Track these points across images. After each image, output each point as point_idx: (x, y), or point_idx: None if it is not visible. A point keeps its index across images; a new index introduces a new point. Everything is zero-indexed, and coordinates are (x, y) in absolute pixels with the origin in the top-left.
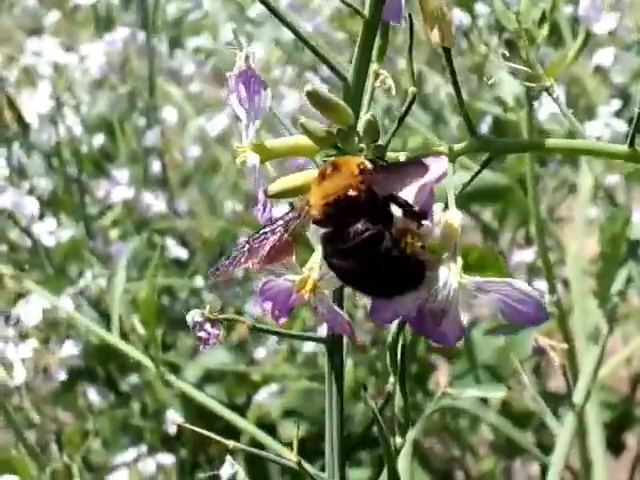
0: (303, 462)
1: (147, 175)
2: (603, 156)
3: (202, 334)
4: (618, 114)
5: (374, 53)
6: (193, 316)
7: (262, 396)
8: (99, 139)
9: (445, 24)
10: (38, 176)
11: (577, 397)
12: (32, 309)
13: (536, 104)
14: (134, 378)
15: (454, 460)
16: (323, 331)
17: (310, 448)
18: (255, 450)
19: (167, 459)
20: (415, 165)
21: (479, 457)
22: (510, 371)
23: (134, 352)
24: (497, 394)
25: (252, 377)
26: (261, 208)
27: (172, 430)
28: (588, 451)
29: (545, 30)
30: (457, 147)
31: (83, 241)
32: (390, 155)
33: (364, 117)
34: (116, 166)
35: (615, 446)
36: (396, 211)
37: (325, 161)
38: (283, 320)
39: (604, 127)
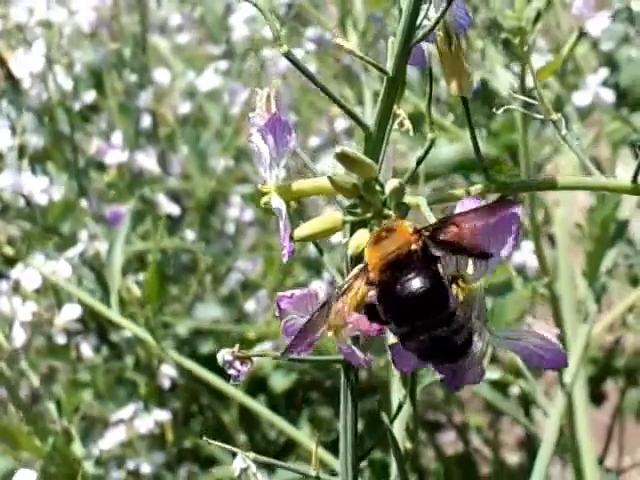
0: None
1: (138, 131)
2: (611, 191)
3: (232, 372)
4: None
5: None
6: (224, 355)
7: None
8: (90, 95)
9: (464, 76)
10: (29, 132)
11: (567, 377)
12: (31, 274)
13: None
14: (127, 332)
15: (439, 408)
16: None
17: (300, 397)
18: (274, 461)
19: (163, 415)
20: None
21: (466, 410)
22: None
23: (135, 328)
24: (492, 375)
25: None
26: (286, 252)
27: (166, 384)
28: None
29: (539, 27)
30: (474, 190)
31: (75, 201)
32: (409, 199)
33: (391, 182)
34: (106, 122)
35: (596, 396)
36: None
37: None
38: (306, 353)
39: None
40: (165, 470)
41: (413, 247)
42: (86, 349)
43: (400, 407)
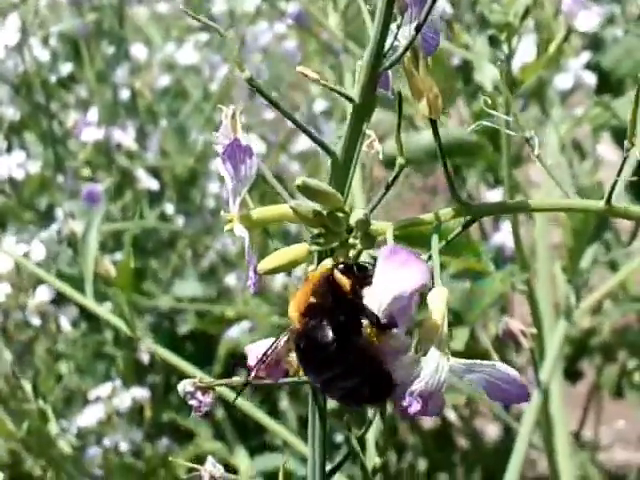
0: None
1: (116, 104)
2: (584, 212)
3: (194, 402)
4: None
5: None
6: (185, 386)
7: (234, 332)
8: (67, 67)
9: (433, 97)
10: (5, 105)
11: (543, 375)
12: (2, 257)
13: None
14: (107, 305)
15: None
16: None
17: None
18: None
19: (141, 392)
20: (392, 271)
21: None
22: (475, 316)
23: (110, 316)
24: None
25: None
26: (251, 285)
27: (145, 358)
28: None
29: (527, 24)
30: (443, 214)
31: (52, 177)
32: (376, 226)
33: (356, 214)
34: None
35: (573, 374)
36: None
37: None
38: (276, 378)
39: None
40: (144, 442)
41: (318, 299)
42: (65, 322)
43: (369, 424)
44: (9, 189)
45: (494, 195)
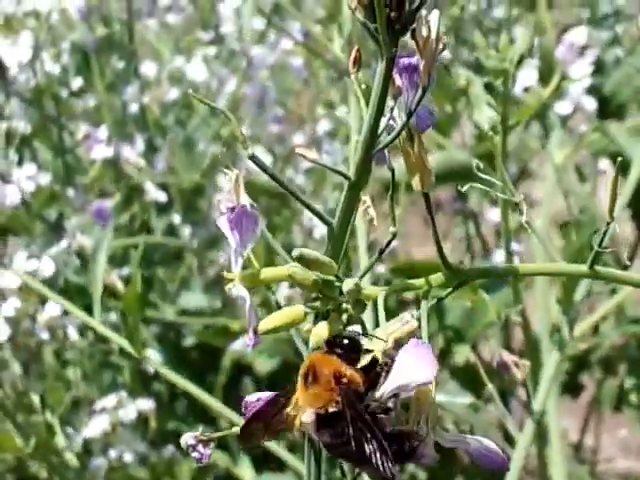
0: None
1: (125, 118)
2: (570, 276)
3: (195, 455)
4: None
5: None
6: (186, 440)
7: (239, 344)
8: (78, 82)
9: (425, 173)
10: (17, 118)
11: (536, 405)
12: (10, 276)
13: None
14: (113, 316)
15: None
16: None
17: (282, 378)
18: None
19: (146, 404)
20: (410, 363)
21: None
22: (476, 332)
23: (117, 338)
24: (464, 401)
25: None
26: (251, 343)
27: (151, 369)
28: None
29: (522, 70)
30: (433, 280)
31: (61, 190)
32: (368, 291)
33: (348, 283)
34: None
35: (573, 389)
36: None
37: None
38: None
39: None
40: (149, 451)
41: (333, 406)
42: (72, 332)
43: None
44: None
45: (494, 212)
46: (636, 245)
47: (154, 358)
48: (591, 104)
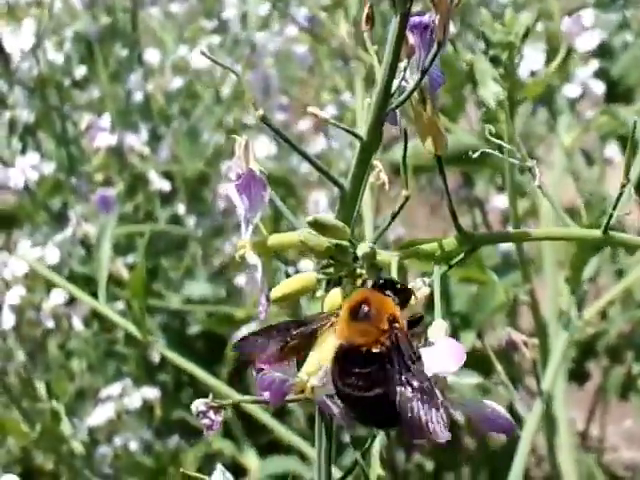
0: None
1: (129, 107)
2: (582, 240)
3: (206, 421)
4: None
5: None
6: (197, 406)
7: (244, 332)
8: (81, 70)
9: (439, 135)
10: (20, 107)
11: (545, 384)
12: (17, 262)
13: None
14: (119, 305)
15: None
16: None
17: None
18: None
19: (151, 392)
20: (442, 344)
21: None
22: (483, 317)
23: (122, 321)
24: (471, 380)
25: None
26: (262, 310)
27: (156, 358)
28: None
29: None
30: (445, 244)
31: (65, 179)
32: (381, 257)
33: (362, 247)
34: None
35: (579, 376)
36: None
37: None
38: (280, 403)
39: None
40: (154, 440)
41: (378, 347)
42: (77, 322)
43: (373, 439)
44: (23, 190)
45: (501, 199)
46: None
47: (160, 344)
48: (599, 87)
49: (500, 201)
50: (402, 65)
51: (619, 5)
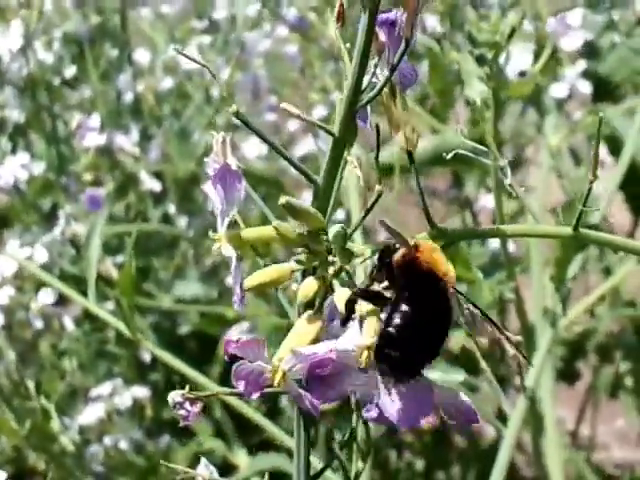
0: None
1: (120, 107)
2: (554, 238)
3: (182, 412)
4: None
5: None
6: (173, 397)
7: (234, 332)
8: (71, 70)
9: (409, 130)
10: (10, 106)
11: (529, 381)
12: (6, 262)
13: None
14: (109, 305)
15: None
16: None
17: None
18: None
19: (142, 392)
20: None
21: None
22: None
23: (111, 319)
24: (457, 377)
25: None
26: (237, 300)
27: (147, 357)
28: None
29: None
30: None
31: (55, 178)
32: (356, 248)
33: (333, 228)
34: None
35: (569, 375)
36: None
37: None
38: (255, 396)
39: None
40: (145, 439)
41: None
42: (68, 321)
43: (352, 433)
44: (13, 190)
45: (490, 199)
46: (633, 230)
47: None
48: (586, 87)
49: (490, 201)
50: (373, 62)
51: (605, 7)
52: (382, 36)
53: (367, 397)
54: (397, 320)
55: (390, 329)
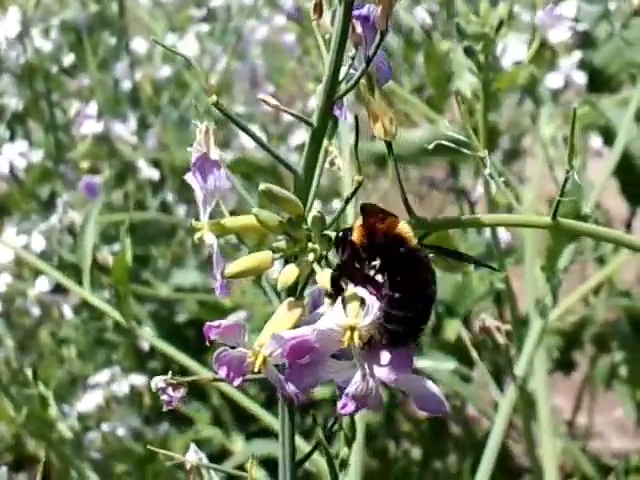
0: None
1: (117, 95)
2: (534, 227)
3: (165, 397)
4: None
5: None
6: (156, 382)
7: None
8: (69, 58)
9: (387, 120)
10: (8, 94)
11: (518, 370)
12: (2, 249)
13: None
14: (107, 293)
15: None
16: None
17: None
18: None
19: (139, 380)
20: None
21: None
22: (466, 307)
23: (107, 308)
24: (448, 365)
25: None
26: (219, 287)
27: (146, 346)
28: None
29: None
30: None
31: (53, 167)
32: (333, 234)
33: (311, 213)
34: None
35: (565, 365)
36: None
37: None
38: (238, 382)
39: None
40: (143, 427)
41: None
42: (67, 310)
43: (335, 421)
44: (11, 178)
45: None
46: (630, 219)
47: (147, 330)
48: (581, 78)
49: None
50: (350, 54)
51: None
52: (359, 28)
53: (345, 384)
54: (396, 282)
55: (393, 293)
